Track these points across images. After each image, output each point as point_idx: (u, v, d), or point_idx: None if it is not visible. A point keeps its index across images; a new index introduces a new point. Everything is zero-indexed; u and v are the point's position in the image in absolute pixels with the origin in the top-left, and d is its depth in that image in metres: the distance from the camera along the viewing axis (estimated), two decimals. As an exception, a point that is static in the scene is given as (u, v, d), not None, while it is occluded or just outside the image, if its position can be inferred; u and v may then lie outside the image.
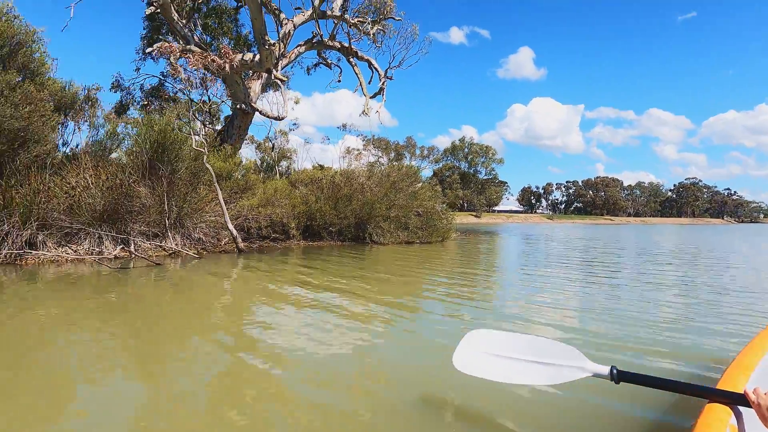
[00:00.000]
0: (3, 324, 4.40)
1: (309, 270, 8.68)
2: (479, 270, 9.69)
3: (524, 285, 7.57)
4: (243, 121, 18.64)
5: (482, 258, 12.39)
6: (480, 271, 9.45)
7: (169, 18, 15.87)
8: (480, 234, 27.73)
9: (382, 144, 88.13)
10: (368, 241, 14.97)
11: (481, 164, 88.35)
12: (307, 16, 21.44)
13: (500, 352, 2.28)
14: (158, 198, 9.97)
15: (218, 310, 5.44)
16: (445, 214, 17.29)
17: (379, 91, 21.76)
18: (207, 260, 9.57)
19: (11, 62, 8.12)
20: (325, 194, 14.96)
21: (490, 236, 25.33)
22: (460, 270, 9.41)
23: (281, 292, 6.49)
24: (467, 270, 9.50)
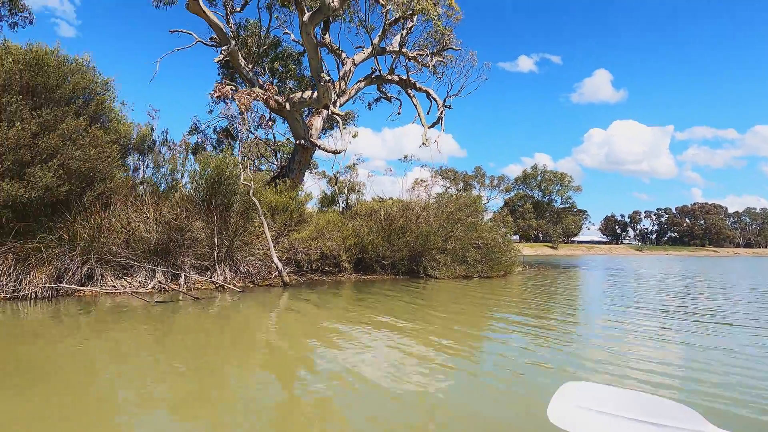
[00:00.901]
0: (56, 354, 4.55)
1: (356, 306, 8.21)
2: (555, 310, 8.51)
3: (613, 328, 6.41)
4: (303, 155, 19.22)
5: (558, 296, 10.94)
6: (556, 311, 8.28)
7: (237, 64, 17.08)
8: (555, 267, 25.37)
9: (450, 174, 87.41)
10: (422, 275, 14.17)
11: (556, 192, 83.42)
12: (367, 53, 22.01)
13: (603, 408, 2.04)
14: (210, 232, 10.22)
15: (262, 347, 5.26)
16: (507, 246, 15.95)
17: (438, 121, 21.39)
18: (251, 294, 9.48)
19: (83, 110, 8.94)
20: (377, 226, 14.57)
21: (568, 270, 22.98)
22: (532, 310, 8.36)
23: (325, 327, 6.11)
24: (541, 310, 8.39)
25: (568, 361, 4.52)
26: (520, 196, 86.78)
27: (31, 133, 7.70)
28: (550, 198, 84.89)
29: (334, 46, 22.77)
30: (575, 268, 26.03)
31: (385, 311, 7.69)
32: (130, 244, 8.99)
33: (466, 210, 16.19)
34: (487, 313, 7.85)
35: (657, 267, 29.49)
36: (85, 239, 8.43)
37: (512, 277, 15.27)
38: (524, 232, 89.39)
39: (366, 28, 21.70)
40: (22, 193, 7.57)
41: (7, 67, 7.73)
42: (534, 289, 12.29)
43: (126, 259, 8.94)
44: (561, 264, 31.66)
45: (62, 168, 8.25)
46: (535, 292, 11.81)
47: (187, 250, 9.88)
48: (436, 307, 8.41)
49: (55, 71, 8.39)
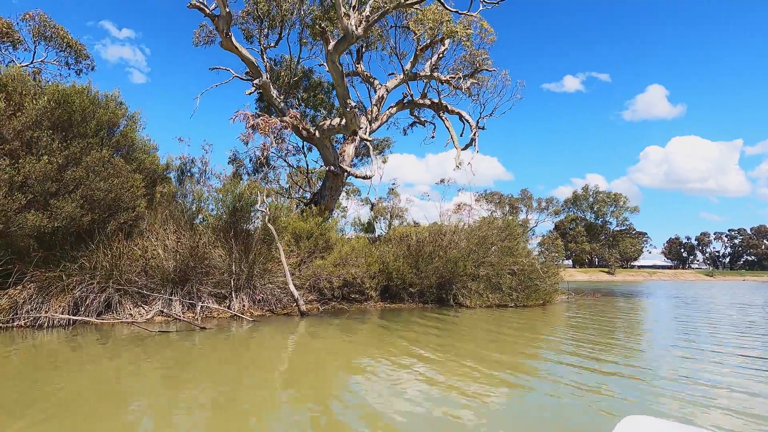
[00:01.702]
0: (77, 383, 4.59)
1: (374, 338, 7.69)
2: (607, 347, 7.36)
3: (681, 376, 5.41)
4: (334, 182, 19.27)
5: (607, 330, 9.58)
6: (610, 350, 7.16)
7: (269, 95, 17.64)
8: (610, 295, 23.25)
9: (495, 198, 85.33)
10: (452, 304, 13.35)
11: (611, 214, 78.68)
12: (399, 79, 22.10)
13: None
14: (227, 259, 10.19)
15: (276, 381, 5.00)
16: (547, 272, 14.76)
17: (471, 142, 20.82)
18: (265, 324, 9.21)
19: (107, 141, 9.34)
20: (404, 252, 14.03)
21: (625, 299, 20.79)
22: (579, 346, 7.40)
23: (337, 363, 5.71)
24: (589, 346, 7.40)
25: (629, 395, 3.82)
26: (570, 219, 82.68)
27: (57, 165, 8.07)
28: (604, 220, 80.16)
29: (367, 73, 23.11)
30: (634, 296, 23.67)
31: (409, 343, 7.17)
32: (147, 272, 9.09)
33: (500, 233, 15.28)
34: (527, 347, 7.06)
35: (733, 295, 26.26)
36: (105, 267, 8.61)
37: (553, 307, 14.02)
38: (577, 257, 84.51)
39: (397, 55, 21.84)
40: (45, 223, 7.87)
41: (41, 104, 8.24)
42: (579, 322, 11.09)
43: (141, 287, 9.03)
44: (617, 291, 29.07)
45: (85, 198, 8.56)
46: (580, 325, 10.65)
47: (205, 278, 9.86)
48: (466, 338, 7.68)
49: (79, 108, 8.85)
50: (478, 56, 22.03)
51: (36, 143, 8.00)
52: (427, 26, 18.44)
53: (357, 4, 14.69)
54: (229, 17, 14.87)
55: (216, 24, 14.97)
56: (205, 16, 14.71)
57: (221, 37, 15.21)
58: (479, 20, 22.16)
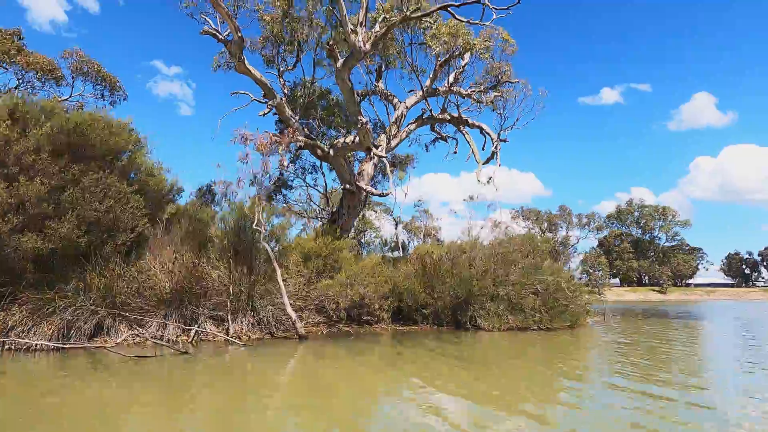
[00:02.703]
0: (68, 407, 4.53)
1: (375, 368, 6.99)
2: (668, 383, 6.12)
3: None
4: (351, 200, 18.97)
5: (663, 359, 8.27)
6: (670, 385, 5.99)
7: (284, 116, 17.76)
8: (658, 317, 21.11)
9: (532, 215, 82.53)
10: (469, 326, 12.41)
11: (659, 228, 73.77)
12: (419, 96, 21.80)
13: None
14: (227, 280, 9.94)
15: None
16: (575, 292, 13.52)
17: (492, 156, 20.01)
18: (259, 348, 8.79)
19: (112, 165, 9.46)
20: (418, 271, 13.33)
21: (676, 321, 18.46)
22: (633, 376, 6.36)
23: (325, 401, 5.14)
24: (640, 376, 6.35)
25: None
26: (615, 235, 78.20)
27: (51, 187, 8.16)
28: (651, 235, 75.29)
29: (387, 92, 22.97)
30: (688, 317, 21.17)
31: (422, 379, 6.24)
32: (142, 294, 8.96)
33: (522, 250, 14.27)
34: (558, 378, 6.16)
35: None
36: (100, 289, 8.54)
37: (584, 330, 12.73)
38: (624, 275, 79.41)
39: (416, 72, 21.59)
40: (39, 245, 7.91)
41: (44, 130, 8.45)
42: (616, 349, 9.88)
43: (134, 310, 8.88)
44: (669, 312, 26.30)
45: (82, 219, 8.60)
46: (617, 353, 9.48)
47: (202, 300, 9.63)
48: (488, 369, 6.77)
49: (87, 133, 9.01)
50: (500, 68, 21.42)
51: (34, 167, 8.15)
52: (442, 40, 18.07)
53: (364, 21, 14.59)
54: (241, 42, 15.18)
55: (229, 49, 15.31)
56: (218, 42, 15.11)
57: (235, 61, 15.53)
58: (500, 32, 21.68)
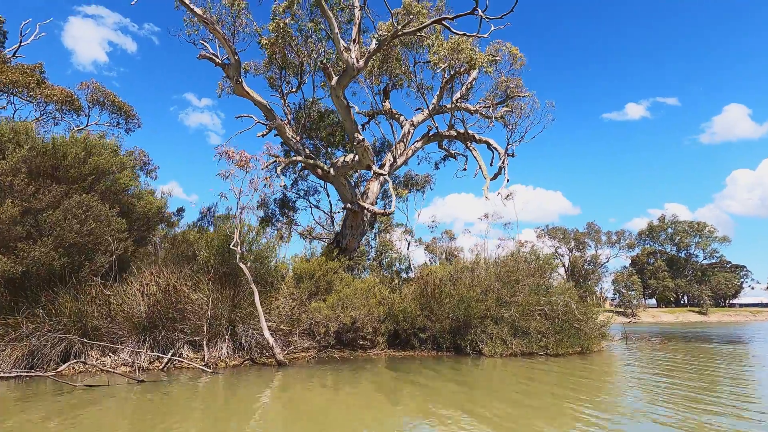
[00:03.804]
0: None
1: (358, 404, 6.32)
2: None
3: None
4: (353, 220, 18.55)
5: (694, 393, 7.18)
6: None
7: (284, 137, 17.74)
8: (695, 340, 19.32)
9: (559, 233, 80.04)
10: (469, 352, 11.54)
11: (695, 245, 69.82)
12: (426, 114, 21.54)
13: None
14: (203, 304, 9.58)
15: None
16: (585, 313, 12.43)
17: (499, 171, 19.28)
18: (233, 376, 8.29)
19: (94, 187, 9.40)
20: (417, 292, 12.63)
21: (722, 346, 16.23)
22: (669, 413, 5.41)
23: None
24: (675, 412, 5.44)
25: None
26: (647, 253, 74.47)
27: (26, 209, 8.09)
28: (687, 252, 71.16)
29: (393, 111, 22.85)
30: (730, 341, 18.99)
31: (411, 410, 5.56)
32: (114, 318, 8.68)
33: (528, 268, 13.37)
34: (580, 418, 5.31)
35: None
36: (74, 312, 8.32)
37: (598, 357, 11.60)
38: (660, 295, 75.07)
39: (420, 91, 21.38)
40: (9, 268, 7.79)
41: (21, 153, 8.48)
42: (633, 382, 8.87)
43: (102, 336, 8.59)
44: (712, 335, 23.52)
45: (60, 241, 8.48)
46: (635, 387, 8.48)
47: (179, 324, 9.27)
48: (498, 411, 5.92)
49: (67, 156, 9.00)
50: (508, 83, 20.96)
51: (9, 189, 8.13)
52: (441, 55, 17.79)
53: (357, 38, 14.48)
54: (238, 65, 15.33)
55: (227, 72, 15.49)
56: (215, 65, 15.31)
57: (233, 84, 15.68)
58: (508, 47, 21.33)
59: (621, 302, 65.77)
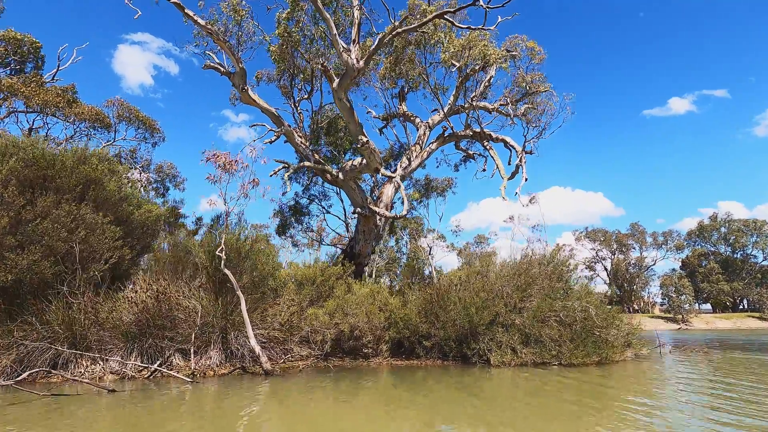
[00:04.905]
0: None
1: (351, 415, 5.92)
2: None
3: None
4: (365, 225, 18.18)
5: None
6: None
7: (294, 143, 17.68)
8: (748, 349, 17.45)
9: (599, 235, 76.39)
10: (475, 361, 10.79)
11: (753, 245, 64.42)
12: (442, 115, 21.03)
13: None
14: (199, 310, 9.45)
15: None
16: (606, 319, 11.33)
17: (516, 170, 18.32)
18: (224, 384, 8.06)
19: (84, 195, 9.54)
20: (422, 298, 12.04)
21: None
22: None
23: None
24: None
25: None
26: (698, 254, 69.36)
27: (14, 220, 8.26)
28: (744, 253, 65.67)
29: (409, 113, 22.46)
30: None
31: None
32: (103, 326, 8.68)
33: (543, 271, 12.44)
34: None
35: None
36: (64, 322, 8.39)
37: (617, 367, 10.50)
38: (715, 299, 69.53)
39: (433, 92, 20.88)
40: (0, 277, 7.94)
41: (10, 165, 8.71)
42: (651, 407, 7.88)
43: (90, 344, 8.60)
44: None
45: (50, 250, 8.61)
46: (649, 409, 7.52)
47: (168, 332, 9.17)
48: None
49: (56, 167, 9.18)
50: (529, 79, 20.08)
51: (0, 200, 8.33)
52: (451, 52, 17.21)
53: (357, 38, 14.19)
54: (244, 73, 15.43)
55: (233, 81, 15.62)
56: (221, 75, 15.48)
57: (239, 92, 15.80)
58: (524, 41, 20.51)
59: (670, 307, 61.48)
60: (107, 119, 24.39)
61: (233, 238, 10.71)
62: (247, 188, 9.54)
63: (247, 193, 9.56)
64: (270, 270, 10.98)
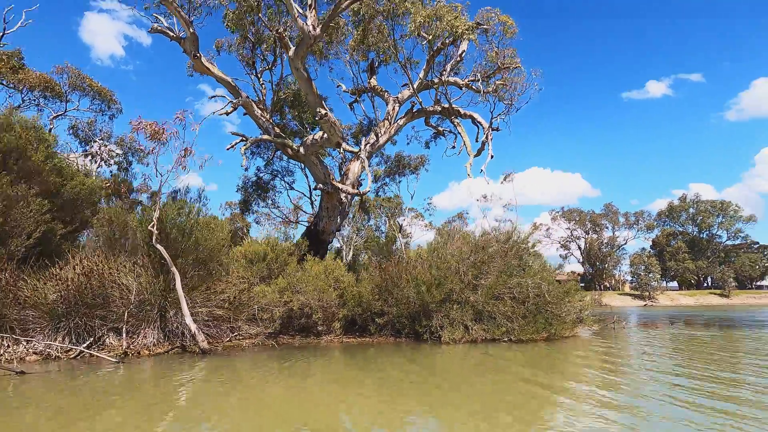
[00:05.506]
0: None
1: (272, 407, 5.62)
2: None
3: None
4: (329, 201, 17.74)
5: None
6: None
7: (253, 116, 16.93)
8: (701, 325, 17.95)
9: (574, 215, 77.74)
10: (427, 338, 10.70)
11: (719, 225, 66.64)
12: (412, 90, 20.45)
13: None
14: (132, 289, 8.98)
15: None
16: (557, 296, 11.34)
17: (483, 147, 18.08)
18: (159, 363, 7.70)
19: (5, 163, 8.82)
20: (374, 276, 11.82)
21: (724, 331, 14.89)
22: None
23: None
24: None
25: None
26: (667, 234, 71.49)
27: None
28: (710, 233, 67.98)
29: (379, 88, 21.77)
30: (740, 325, 17.30)
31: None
32: (26, 305, 8.16)
33: (501, 248, 12.34)
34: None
35: None
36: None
37: (565, 343, 10.58)
38: (681, 277, 72.17)
39: (403, 66, 20.21)
40: None
41: None
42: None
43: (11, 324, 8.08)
44: (736, 320, 20.94)
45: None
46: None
47: (101, 311, 8.71)
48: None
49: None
50: (501, 54, 19.57)
51: None
52: (418, 22, 16.54)
53: (314, 4, 13.43)
54: (195, 39, 14.50)
55: (183, 47, 14.69)
56: (171, 40, 14.53)
57: (191, 59, 14.89)
58: (497, 14, 19.91)
59: (638, 285, 63.52)
60: (58, 87, 22.95)
61: (172, 213, 10.14)
62: (183, 160, 8.95)
63: (184, 164, 8.98)
64: (217, 246, 10.51)
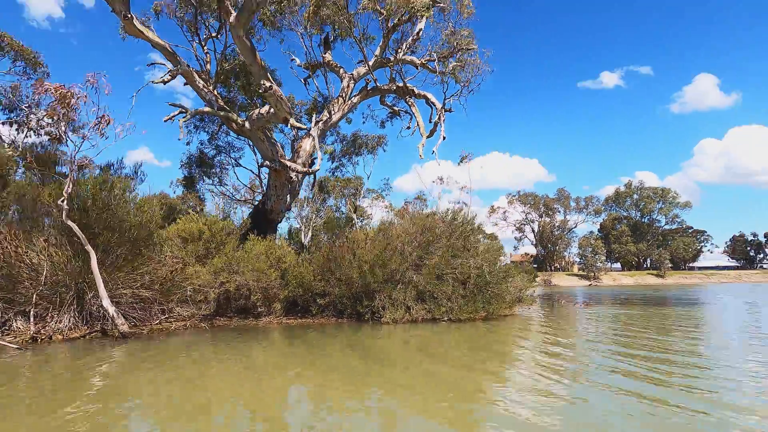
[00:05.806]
0: None
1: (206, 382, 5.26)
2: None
3: None
4: (277, 179, 17.12)
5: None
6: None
7: (195, 86, 15.87)
8: (632, 303, 19.11)
9: (529, 199, 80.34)
10: (368, 318, 10.64)
11: (658, 211, 71.08)
12: (367, 68, 19.85)
13: None
14: (42, 269, 8.22)
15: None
16: (496, 275, 11.59)
17: (435, 128, 17.99)
18: (74, 349, 7.11)
19: None
20: (317, 256, 11.55)
21: (645, 308, 16.18)
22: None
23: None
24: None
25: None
26: (613, 218, 75.60)
27: None
28: (651, 218, 72.49)
29: (334, 63, 21.01)
30: (680, 302, 18.75)
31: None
32: None
33: (446, 230, 12.38)
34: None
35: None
36: None
37: (503, 321, 10.86)
38: (624, 259, 76.95)
39: (358, 40, 19.51)
40: None
41: None
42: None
43: None
44: (668, 297, 22.95)
45: None
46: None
47: (4, 292, 7.94)
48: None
49: None
50: (458, 34, 19.30)
51: None
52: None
53: (256, -35, 12.54)
54: (126, -3, 13.22)
55: (112, 6, 13.37)
56: (97, -3, 13.19)
57: (121, 20, 13.60)
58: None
59: (585, 266, 67.14)
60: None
61: (92, 188, 9.31)
62: (100, 126, 8.14)
63: (102, 131, 8.16)
64: (146, 224, 9.81)
